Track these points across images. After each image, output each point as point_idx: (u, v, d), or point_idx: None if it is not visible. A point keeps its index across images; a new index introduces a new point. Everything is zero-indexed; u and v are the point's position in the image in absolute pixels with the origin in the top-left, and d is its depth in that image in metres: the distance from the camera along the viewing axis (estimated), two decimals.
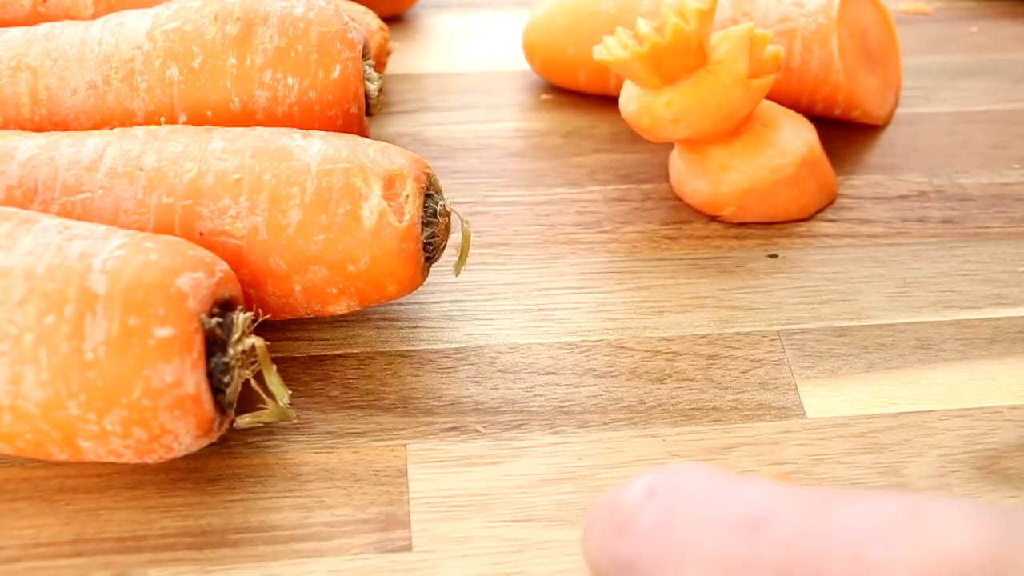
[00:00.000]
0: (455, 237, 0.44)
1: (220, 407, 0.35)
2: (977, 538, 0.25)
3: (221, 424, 0.35)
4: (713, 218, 0.48)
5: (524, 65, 0.55)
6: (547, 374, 0.41)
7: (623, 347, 0.42)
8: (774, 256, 0.46)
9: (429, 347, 0.42)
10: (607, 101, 0.53)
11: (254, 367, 0.36)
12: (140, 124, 0.42)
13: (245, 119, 0.42)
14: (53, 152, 0.39)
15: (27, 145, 0.39)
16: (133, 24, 0.43)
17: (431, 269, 0.40)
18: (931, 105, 0.54)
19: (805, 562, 0.26)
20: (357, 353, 0.42)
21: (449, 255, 0.43)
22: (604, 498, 0.31)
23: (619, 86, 0.47)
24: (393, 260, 0.38)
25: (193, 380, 0.33)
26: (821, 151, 0.48)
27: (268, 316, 0.39)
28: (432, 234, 0.39)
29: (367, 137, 0.42)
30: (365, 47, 0.44)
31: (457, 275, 0.42)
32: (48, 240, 0.34)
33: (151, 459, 0.35)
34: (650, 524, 0.29)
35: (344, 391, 0.40)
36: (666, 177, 0.50)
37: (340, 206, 0.37)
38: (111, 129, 0.41)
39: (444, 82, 0.55)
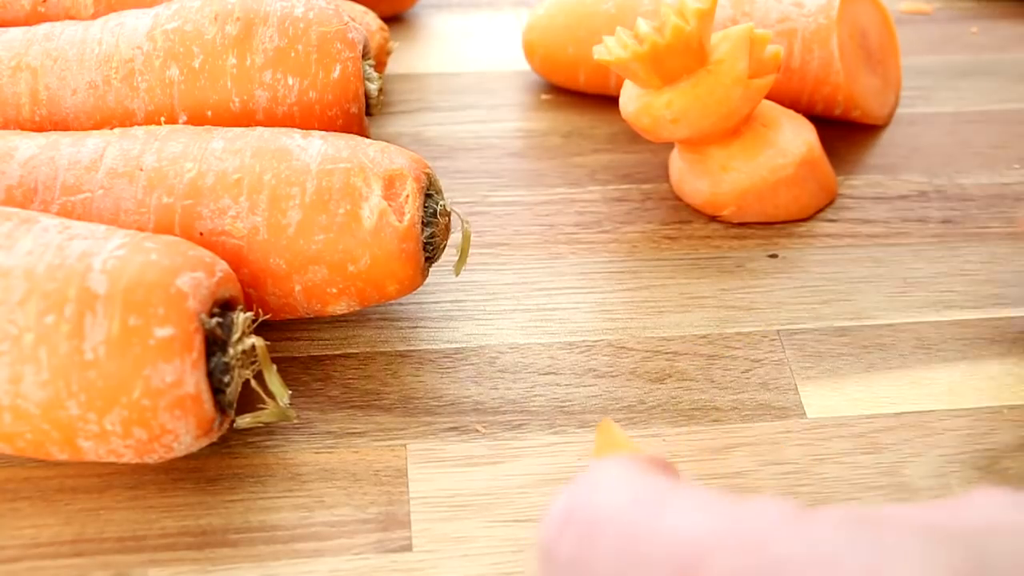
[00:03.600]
0: (455, 237, 0.44)
1: (220, 407, 0.35)
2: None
3: (221, 424, 0.35)
4: (713, 218, 0.48)
5: (524, 65, 0.55)
6: (547, 374, 0.41)
7: (623, 347, 0.42)
8: (774, 256, 0.46)
9: (429, 347, 0.42)
10: (607, 101, 0.53)
11: (254, 367, 0.36)
12: (140, 124, 0.42)
13: (245, 119, 0.42)
14: (53, 152, 0.39)
15: (27, 145, 0.39)
16: (133, 24, 0.43)
17: (431, 269, 0.40)
18: (931, 105, 0.54)
19: None
20: (357, 353, 0.42)
21: (449, 255, 0.43)
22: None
23: (619, 86, 0.46)
24: (393, 260, 0.38)
25: (193, 380, 0.33)
26: (821, 151, 0.48)
27: (268, 316, 0.39)
28: (432, 234, 0.39)
29: (367, 137, 0.42)
30: (365, 47, 0.44)
31: (457, 275, 0.42)
32: (48, 240, 0.34)
33: (151, 459, 0.35)
34: (567, 559, 0.25)
35: (344, 391, 0.40)
36: (666, 177, 0.50)
37: (340, 206, 0.37)
38: (111, 129, 0.41)
39: (444, 82, 0.55)
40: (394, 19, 0.59)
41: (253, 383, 0.36)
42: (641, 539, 0.24)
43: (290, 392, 0.37)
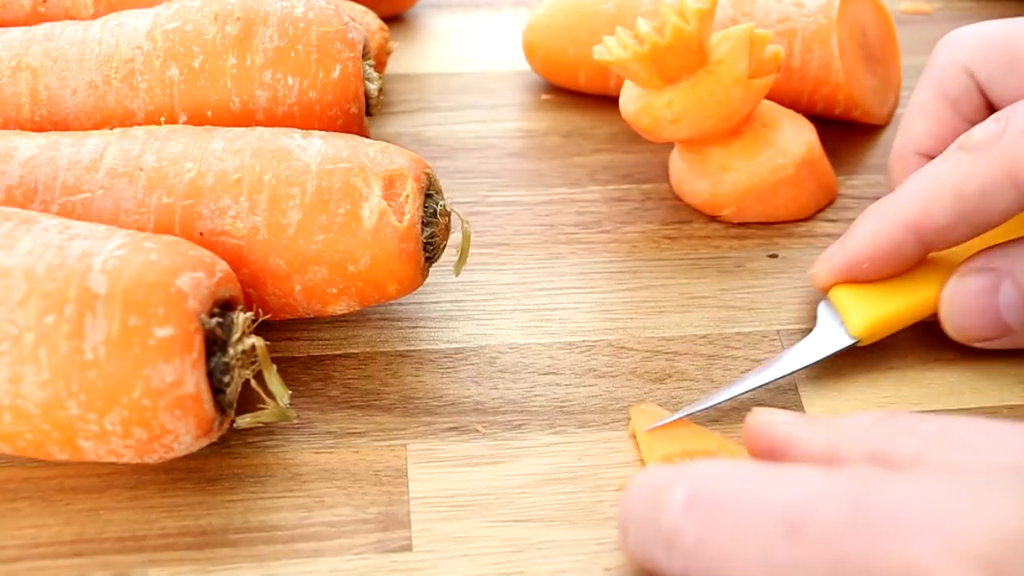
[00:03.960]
0: (455, 237, 0.44)
1: (220, 407, 0.35)
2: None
3: (221, 424, 0.35)
4: (713, 218, 0.48)
5: (524, 65, 0.55)
6: (547, 374, 0.41)
7: (623, 347, 0.42)
8: (774, 256, 0.46)
9: (429, 347, 0.42)
10: (607, 101, 0.53)
11: (254, 367, 0.36)
12: (140, 124, 0.42)
13: (245, 119, 0.42)
14: (53, 152, 0.39)
15: (27, 145, 0.39)
16: (133, 24, 0.43)
17: (431, 269, 0.40)
18: None
19: (853, 559, 0.25)
20: (357, 353, 0.42)
21: (449, 255, 0.43)
22: (640, 497, 0.31)
23: (619, 86, 0.46)
24: (393, 260, 0.38)
25: (193, 380, 0.33)
26: (821, 151, 0.48)
27: (268, 316, 0.39)
28: (432, 234, 0.39)
29: (367, 137, 0.42)
30: (365, 47, 0.44)
31: (457, 275, 0.42)
32: (48, 240, 0.34)
33: (151, 459, 0.35)
34: (694, 540, 0.28)
35: (344, 391, 0.40)
36: (666, 177, 0.50)
37: (340, 206, 0.37)
38: (111, 129, 0.41)
39: (444, 82, 0.55)
40: (394, 19, 0.59)
41: (253, 383, 0.36)
42: (752, 506, 0.27)
43: (290, 392, 0.37)
